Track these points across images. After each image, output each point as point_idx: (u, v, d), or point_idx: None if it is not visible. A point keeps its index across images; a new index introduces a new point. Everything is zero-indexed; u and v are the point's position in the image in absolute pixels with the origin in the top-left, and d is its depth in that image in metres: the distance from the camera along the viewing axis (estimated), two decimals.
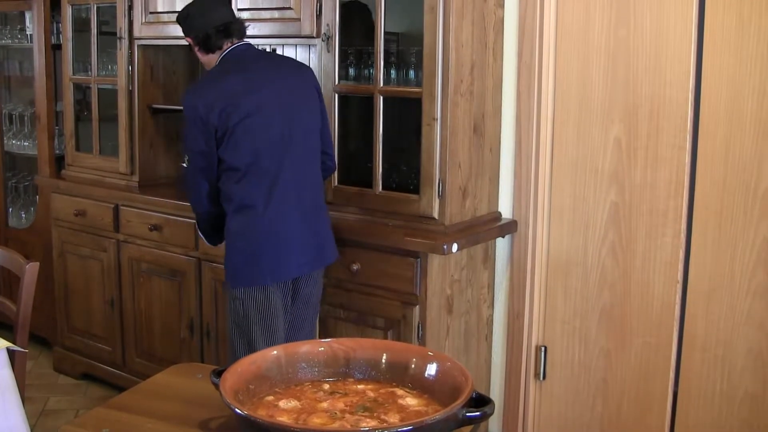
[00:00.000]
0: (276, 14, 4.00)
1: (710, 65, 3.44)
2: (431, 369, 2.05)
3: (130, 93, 4.66)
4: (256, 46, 3.62)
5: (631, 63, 3.62)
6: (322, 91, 3.66)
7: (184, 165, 3.50)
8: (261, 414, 1.90)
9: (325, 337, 3.64)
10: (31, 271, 3.01)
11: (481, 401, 1.87)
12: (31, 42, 5.24)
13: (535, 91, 3.82)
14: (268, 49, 4.56)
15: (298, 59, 4.59)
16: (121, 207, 4.64)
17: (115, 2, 4.61)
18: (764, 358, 3.44)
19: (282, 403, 1.96)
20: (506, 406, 4.09)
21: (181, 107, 4.01)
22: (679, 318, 3.64)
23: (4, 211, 5.69)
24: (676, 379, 3.68)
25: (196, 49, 3.53)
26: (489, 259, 3.98)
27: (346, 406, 1.95)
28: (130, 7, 4.56)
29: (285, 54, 4.58)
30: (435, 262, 3.57)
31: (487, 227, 3.82)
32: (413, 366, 2.07)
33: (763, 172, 3.36)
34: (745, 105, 3.37)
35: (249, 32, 4.11)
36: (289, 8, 3.92)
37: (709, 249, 3.52)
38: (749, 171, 3.39)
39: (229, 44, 3.48)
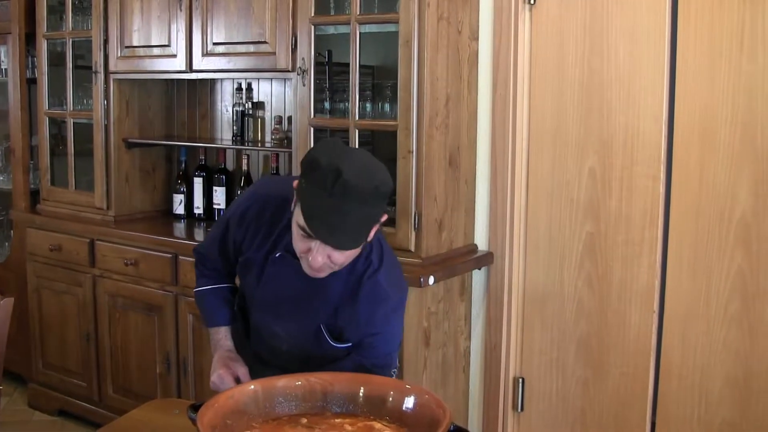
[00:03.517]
0: (251, 48, 4.01)
1: (683, 96, 3.47)
2: (409, 402, 2.05)
3: (106, 127, 4.65)
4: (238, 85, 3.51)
5: (605, 94, 3.65)
6: (297, 124, 3.65)
7: None
8: None
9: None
10: (5, 306, 2.99)
11: None
12: (6, 76, 5.22)
13: (510, 123, 3.84)
14: (243, 84, 4.58)
15: (274, 93, 4.62)
16: (97, 242, 4.62)
17: (91, 36, 4.61)
18: (741, 386, 3.46)
19: None
20: None
21: (157, 142, 4.00)
22: (655, 347, 3.65)
23: None
24: (654, 408, 3.68)
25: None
26: (466, 291, 3.98)
27: None
28: (106, 41, 4.56)
29: (260, 87, 4.60)
30: (412, 294, 3.55)
31: (463, 259, 3.83)
32: (391, 399, 2.07)
33: (736, 201, 3.39)
34: (718, 135, 3.40)
35: (224, 66, 4.13)
36: (264, 42, 3.94)
37: (685, 278, 3.55)
38: (723, 200, 3.42)
39: None
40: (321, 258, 2.16)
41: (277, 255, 2.42)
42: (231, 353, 2.58)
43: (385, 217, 2.19)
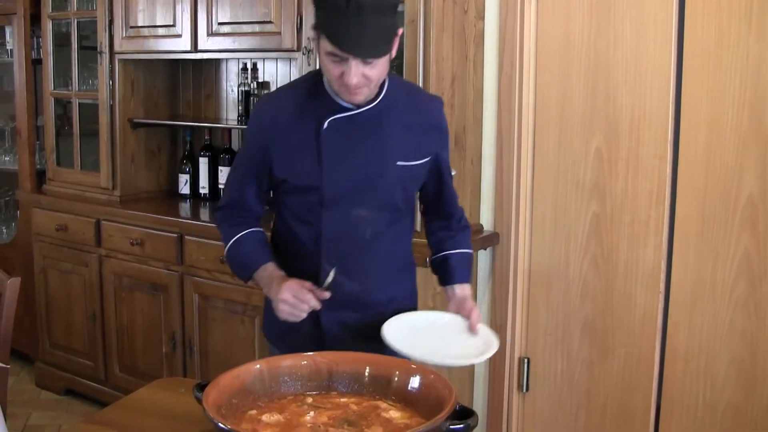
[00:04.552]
0: (257, 28, 4.00)
1: (690, 76, 3.45)
2: (414, 382, 2.05)
3: (111, 107, 4.65)
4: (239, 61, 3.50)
5: (612, 74, 3.63)
6: None
7: None
8: (244, 428, 1.89)
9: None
10: (12, 286, 2.99)
11: (464, 414, 1.87)
12: (12, 57, 5.22)
13: (516, 102, 3.83)
14: (248, 64, 4.56)
15: (279, 73, 4.60)
16: (103, 221, 4.63)
17: (96, 17, 4.60)
18: (746, 368, 3.46)
19: (265, 417, 1.95)
20: (489, 419, 4.08)
21: (162, 122, 3.95)
22: (661, 328, 3.64)
23: None
24: (659, 390, 3.68)
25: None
26: (471, 272, 3.97)
27: (329, 419, 1.95)
28: (111, 22, 4.55)
29: (265, 67, 4.59)
30: (418, 275, 3.55)
31: None
32: (396, 379, 2.07)
33: (743, 182, 3.38)
34: (725, 115, 3.39)
35: (229, 46, 4.12)
36: (270, 22, 3.93)
37: (691, 259, 3.54)
38: (730, 181, 3.41)
39: None
40: (356, 76, 2.27)
41: (325, 127, 2.44)
42: (288, 278, 2.47)
43: (400, 31, 2.34)
